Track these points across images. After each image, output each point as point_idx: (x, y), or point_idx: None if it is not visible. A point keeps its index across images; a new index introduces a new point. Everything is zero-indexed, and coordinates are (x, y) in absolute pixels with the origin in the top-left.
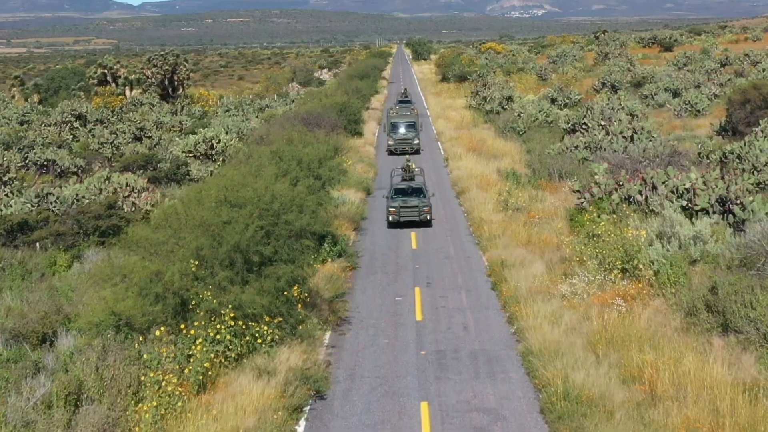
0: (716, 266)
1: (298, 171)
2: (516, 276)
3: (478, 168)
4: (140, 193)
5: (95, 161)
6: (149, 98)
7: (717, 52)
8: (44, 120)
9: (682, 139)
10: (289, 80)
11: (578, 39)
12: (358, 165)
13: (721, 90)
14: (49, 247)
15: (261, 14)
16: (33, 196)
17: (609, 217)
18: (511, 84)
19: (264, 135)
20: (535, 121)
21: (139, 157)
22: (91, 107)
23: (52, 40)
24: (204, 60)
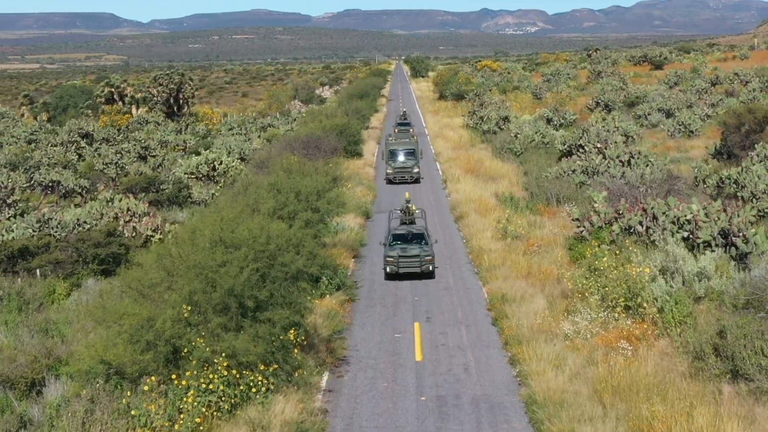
0: (721, 303)
1: (296, 204)
2: (517, 312)
3: (476, 191)
4: (141, 218)
5: (99, 182)
6: (155, 117)
7: (707, 71)
8: (51, 139)
9: (677, 161)
10: (291, 98)
11: (571, 57)
12: (358, 188)
13: (713, 110)
14: (48, 275)
15: (265, 31)
16: (34, 221)
17: (609, 248)
18: (507, 103)
19: (265, 159)
20: (531, 142)
21: (141, 179)
22: (97, 126)
23: (65, 56)
24: (210, 76)
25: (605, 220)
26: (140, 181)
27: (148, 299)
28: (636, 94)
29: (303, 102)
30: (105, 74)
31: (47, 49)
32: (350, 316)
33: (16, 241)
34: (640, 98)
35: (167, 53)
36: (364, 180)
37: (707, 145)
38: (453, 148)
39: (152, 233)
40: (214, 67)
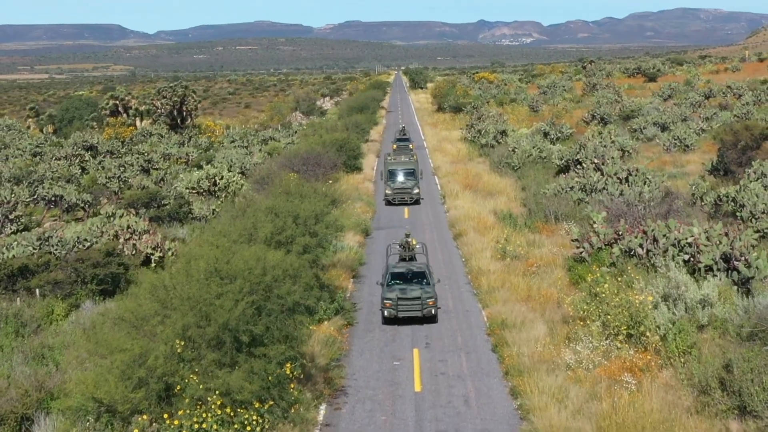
0: (725, 332)
1: (294, 228)
2: (517, 339)
3: (474, 208)
4: (141, 236)
5: (102, 196)
6: (158, 129)
7: (700, 83)
8: (55, 153)
9: (674, 177)
10: (292, 109)
11: (566, 68)
12: (357, 204)
13: (707, 124)
14: (47, 295)
15: (268, 42)
16: (34, 239)
17: (609, 270)
18: (505, 117)
19: (265, 175)
20: (529, 156)
21: (143, 194)
22: (102, 138)
23: (73, 67)
24: (214, 87)
25: (605, 241)
26: (142, 197)
27: (141, 331)
28: (631, 107)
29: (304, 114)
30: (112, 84)
31: (56, 59)
32: (349, 342)
33: (16, 259)
34: (635, 111)
35: (173, 64)
36: (364, 195)
37: (703, 161)
38: (451, 162)
39: (152, 251)
40: (218, 78)
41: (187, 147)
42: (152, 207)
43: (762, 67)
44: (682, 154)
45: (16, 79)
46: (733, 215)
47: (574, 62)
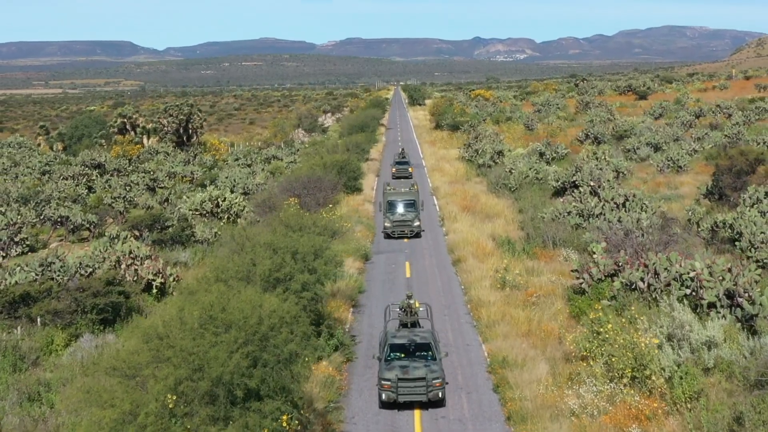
0: (731, 375)
1: (292, 265)
2: (519, 380)
3: (473, 232)
4: (143, 261)
5: (108, 216)
6: (164, 147)
7: (690, 102)
8: (63, 171)
9: (668, 199)
10: (295, 126)
11: (559, 86)
12: (357, 227)
13: (699, 144)
14: (47, 324)
15: (272, 58)
16: (37, 265)
17: (610, 303)
18: (501, 136)
19: (267, 198)
20: (525, 178)
21: (147, 216)
22: (109, 156)
23: (85, 82)
24: (220, 102)
25: (605, 272)
26: (145, 219)
27: (133, 381)
28: (624, 126)
29: (306, 131)
30: (122, 100)
31: (69, 75)
32: (348, 380)
33: (18, 285)
34: (628, 131)
35: (181, 79)
36: (363, 218)
37: (698, 184)
38: (450, 182)
39: (153, 277)
40: (224, 93)
41: (192, 165)
42: (156, 229)
43: (748, 85)
44: (676, 175)
45: (30, 94)
46: (730, 242)
47: (566, 78)
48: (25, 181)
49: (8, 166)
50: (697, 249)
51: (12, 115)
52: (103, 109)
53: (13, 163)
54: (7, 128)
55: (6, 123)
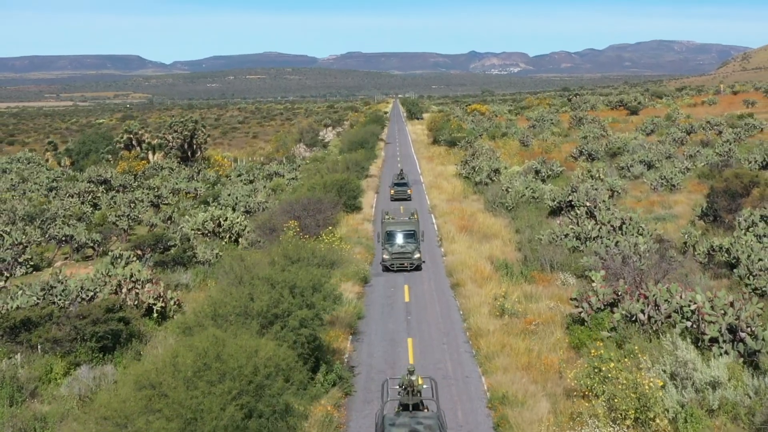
0: (736, 416)
1: (290, 300)
2: (520, 419)
3: (470, 254)
4: (144, 285)
5: (112, 234)
6: (169, 163)
7: (681, 118)
8: (69, 188)
9: (662, 219)
10: (296, 141)
11: (553, 100)
12: (356, 248)
13: (691, 162)
14: (47, 351)
15: (276, 72)
16: (38, 289)
17: (610, 335)
18: (497, 153)
19: (267, 220)
20: (522, 197)
21: (149, 237)
22: (115, 172)
23: (96, 95)
24: (225, 115)
25: (604, 301)
26: (148, 239)
27: (124, 430)
28: (617, 143)
29: (307, 145)
30: (131, 113)
31: (80, 87)
32: (347, 417)
33: (20, 311)
34: (622, 148)
35: (188, 92)
36: (363, 238)
37: (691, 203)
38: (447, 200)
39: (154, 302)
40: (229, 106)
41: (195, 182)
42: (158, 248)
43: (736, 100)
44: (669, 194)
45: (42, 107)
46: (727, 266)
47: (559, 91)
48: (32, 197)
49: (16, 182)
50: (695, 273)
51: (24, 127)
52: (112, 122)
53: (21, 179)
54: (18, 141)
55: (18, 135)
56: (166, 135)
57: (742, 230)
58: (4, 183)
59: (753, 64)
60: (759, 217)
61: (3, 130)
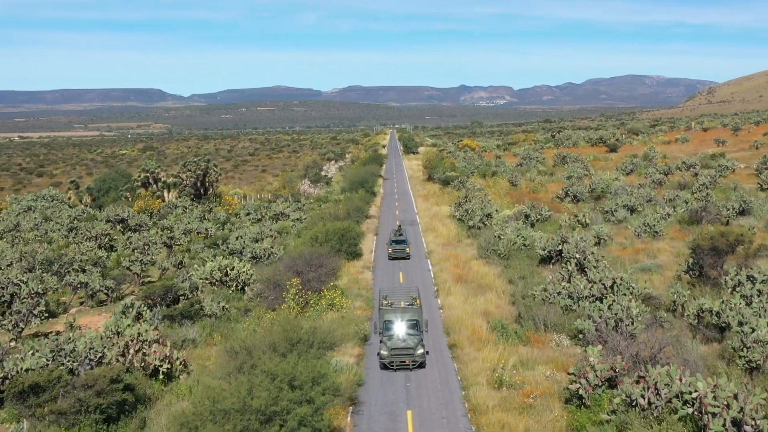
0: None
1: (290, 397)
2: None
3: (466, 309)
4: (151, 345)
5: (125, 281)
6: (182, 202)
7: (658, 159)
8: (87, 231)
9: (648, 270)
10: (302, 177)
11: (537, 137)
12: (357, 301)
13: (671, 205)
14: (52, 423)
15: (284, 104)
16: (48, 351)
17: (610, 418)
18: (489, 196)
19: (271, 276)
20: (514, 244)
21: (159, 287)
22: (132, 211)
23: (120, 125)
24: (237, 146)
25: (602, 377)
26: (158, 289)
27: None
28: (600, 185)
29: (312, 182)
30: (151, 143)
31: (106, 118)
32: None
33: (29, 374)
34: (605, 190)
35: (204, 122)
36: (363, 289)
37: (675, 252)
38: (443, 245)
39: (160, 363)
40: (241, 136)
41: (206, 221)
42: (168, 298)
43: (707, 137)
44: (653, 241)
45: (71, 137)
46: (717, 329)
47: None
48: (52, 238)
49: (39, 221)
50: (685, 335)
51: (53, 157)
52: (134, 153)
53: (44, 218)
54: (46, 173)
55: (47, 166)
56: (181, 174)
57: (728, 289)
58: (28, 222)
59: (717, 98)
60: (746, 277)
61: (34, 160)
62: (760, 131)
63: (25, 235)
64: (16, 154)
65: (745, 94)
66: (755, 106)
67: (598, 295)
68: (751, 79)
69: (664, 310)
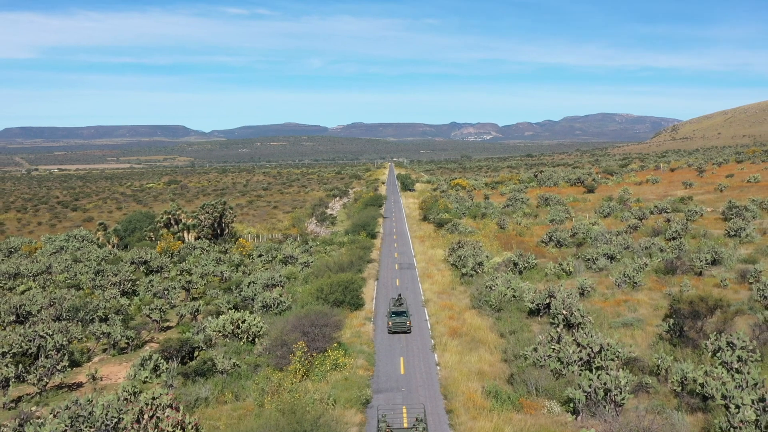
0: None
1: None
2: None
3: (462, 370)
4: (164, 410)
5: (145, 328)
6: (201, 243)
7: (632, 202)
8: (112, 276)
9: (630, 325)
10: (309, 215)
11: (522, 176)
12: (359, 359)
13: (648, 254)
14: None
15: (294, 139)
16: (66, 417)
17: None
18: (480, 243)
19: (278, 336)
20: (504, 296)
21: (175, 342)
22: (154, 253)
23: (148, 158)
24: (252, 180)
25: None
26: (174, 344)
27: None
28: (581, 230)
29: (318, 221)
30: (176, 178)
31: (136, 152)
32: None
33: None
34: (586, 236)
35: (223, 155)
36: (365, 343)
37: (653, 302)
38: (438, 293)
39: (173, 430)
40: (256, 170)
41: (222, 264)
42: (183, 350)
43: (675, 178)
44: (632, 291)
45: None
46: (700, 397)
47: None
48: (81, 281)
49: (69, 263)
50: (670, 402)
51: (88, 190)
52: (159, 186)
53: (74, 259)
54: (80, 207)
55: (82, 200)
56: (200, 216)
57: (708, 353)
58: (59, 264)
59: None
60: (725, 343)
61: (70, 193)
62: (722, 173)
63: (55, 278)
64: (55, 187)
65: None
66: (714, 143)
67: (586, 358)
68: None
69: (648, 372)
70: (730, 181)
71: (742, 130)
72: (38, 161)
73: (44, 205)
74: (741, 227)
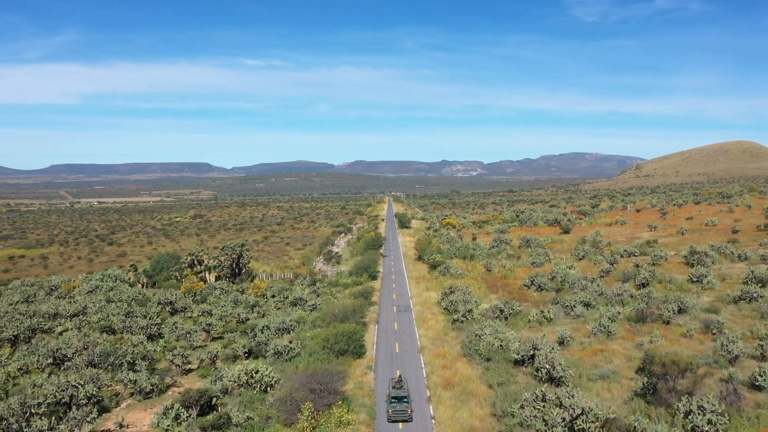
0: None
1: None
2: None
3: (456, 426)
4: None
5: (168, 373)
6: (221, 284)
7: (604, 245)
8: (142, 317)
9: (606, 378)
10: (317, 253)
11: (505, 215)
12: (361, 413)
13: (620, 301)
14: None
15: (305, 175)
16: None
17: None
18: (470, 288)
19: (288, 393)
20: (492, 345)
21: (194, 393)
22: (178, 293)
23: (177, 192)
24: (268, 213)
25: None
26: (193, 395)
27: None
28: (560, 275)
29: (325, 260)
30: (201, 212)
31: (166, 186)
32: None
33: None
34: (564, 280)
35: (242, 190)
36: (366, 395)
37: (627, 352)
38: (432, 339)
39: None
40: (271, 204)
41: (239, 306)
42: (202, 400)
43: (641, 220)
44: (607, 340)
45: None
46: None
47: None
48: (113, 322)
49: (103, 304)
50: None
51: (123, 223)
52: (186, 220)
53: (107, 300)
54: (115, 242)
55: (117, 233)
56: (220, 257)
57: (681, 414)
58: (94, 305)
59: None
60: (696, 407)
61: (107, 225)
62: (683, 214)
63: (90, 318)
64: (95, 219)
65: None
66: (673, 180)
67: (569, 419)
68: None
69: None
70: (690, 224)
71: (697, 169)
72: (80, 194)
73: (84, 238)
74: (703, 274)
